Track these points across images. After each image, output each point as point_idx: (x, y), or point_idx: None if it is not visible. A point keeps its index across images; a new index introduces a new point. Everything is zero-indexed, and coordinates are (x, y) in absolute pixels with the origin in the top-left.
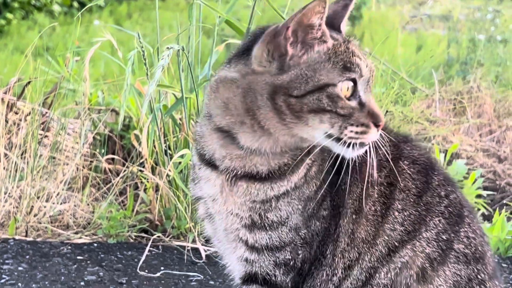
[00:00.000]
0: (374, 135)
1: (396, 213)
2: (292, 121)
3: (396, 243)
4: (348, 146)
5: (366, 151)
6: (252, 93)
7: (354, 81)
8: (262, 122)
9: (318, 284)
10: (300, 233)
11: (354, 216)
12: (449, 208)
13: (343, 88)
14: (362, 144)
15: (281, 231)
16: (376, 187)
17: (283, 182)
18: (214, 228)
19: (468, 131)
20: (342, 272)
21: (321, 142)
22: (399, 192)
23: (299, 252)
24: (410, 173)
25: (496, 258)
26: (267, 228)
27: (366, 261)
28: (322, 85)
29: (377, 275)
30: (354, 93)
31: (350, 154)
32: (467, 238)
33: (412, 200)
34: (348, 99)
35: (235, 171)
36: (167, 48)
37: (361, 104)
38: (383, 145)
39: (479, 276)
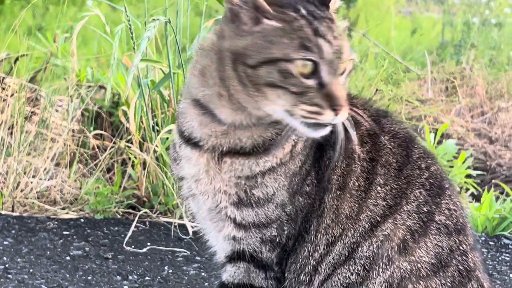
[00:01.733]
0: (329, 117)
1: (379, 188)
2: (254, 93)
3: (378, 218)
4: (308, 125)
5: (346, 128)
6: (223, 60)
7: (312, 61)
8: (234, 94)
9: (300, 260)
10: (285, 210)
11: (338, 192)
12: (430, 180)
13: (298, 65)
14: (319, 125)
15: (268, 208)
16: (359, 163)
17: (267, 157)
18: (198, 207)
19: (460, 112)
20: (324, 249)
21: (285, 119)
22: (381, 167)
23: (285, 228)
24: (390, 147)
25: (483, 236)
26: (253, 205)
27: (349, 236)
28: (273, 58)
29: (359, 249)
30: (315, 72)
31: (311, 133)
32: (448, 210)
33: (393, 174)
34: (307, 77)
35: (220, 148)
36: (153, 19)
37: (321, 85)
38: (364, 120)
39: (460, 247)
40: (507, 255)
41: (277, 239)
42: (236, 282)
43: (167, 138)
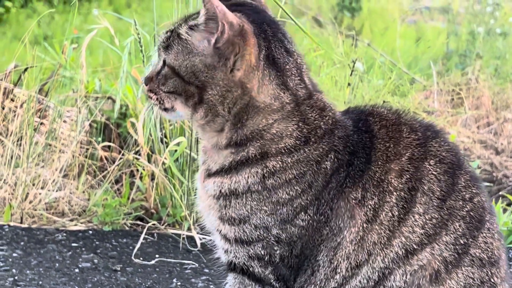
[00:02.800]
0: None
1: (417, 216)
2: None
3: (415, 246)
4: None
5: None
6: None
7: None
8: None
9: (317, 282)
10: (272, 232)
11: (365, 225)
12: (471, 213)
13: None
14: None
15: (245, 228)
16: (394, 193)
17: (226, 179)
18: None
19: (466, 122)
20: (347, 271)
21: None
22: (422, 195)
23: (275, 248)
24: (435, 174)
25: None
26: (229, 222)
27: (378, 261)
28: None
29: (392, 276)
30: None
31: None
32: (484, 243)
33: (435, 203)
34: None
35: (204, 168)
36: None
37: None
38: (410, 145)
39: (491, 280)
40: None
41: (266, 258)
42: None
43: (176, 151)
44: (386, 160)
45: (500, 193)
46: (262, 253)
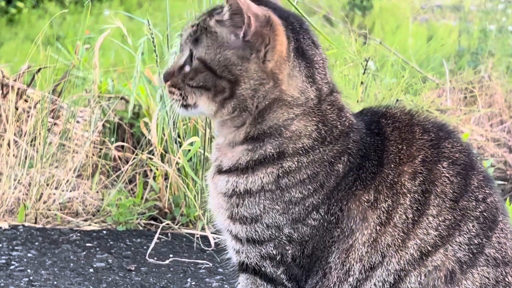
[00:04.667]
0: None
1: (431, 218)
2: None
3: (429, 248)
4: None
5: None
6: None
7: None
8: None
9: (330, 284)
10: (284, 231)
11: (378, 228)
12: (485, 213)
13: None
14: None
15: (256, 227)
16: (408, 195)
17: (242, 179)
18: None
19: (479, 121)
20: (360, 274)
21: None
22: (435, 197)
23: (287, 248)
24: (448, 175)
25: None
26: (241, 222)
27: (394, 263)
28: None
29: (407, 278)
30: None
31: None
32: (498, 243)
33: (448, 205)
34: None
35: (216, 165)
36: (179, 35)
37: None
38: (423, 147)
39: (506, 279)
40: None
41: (278, 257)
42: None
43: (189, 150)
44: (399, 162)
45: None
46: (274, 252)
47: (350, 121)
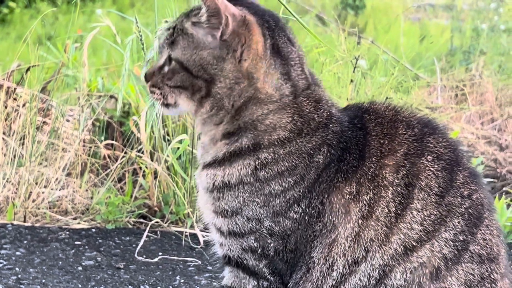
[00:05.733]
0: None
1: (415, 212)
2: None
3: (414, 243)
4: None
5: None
6: None
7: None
8: None
9: (314, 280)
10: (264, 224)
11: (360, 221)
12: (470, 210)
13: None
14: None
15: (237, 220)
16: (390, 188)
17: (220, 171)
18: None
19: (470, 119)
20: (344, 269)
21: None
22: (419, 190)
23: (269, 241)
24: (433, 170)
25: None
26: (222, 215)
27: (377, 258)
28: None
29: (392, 274)
30: None
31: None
32: (483, 239)
33: (433, 199)
34: None
35: (201, 161)
36: (161, 29)
37: None
38: (406, 141)
39: (491, 276)
40: None
41: (260, 251)
42: (230, 286)
43: (178, 148)
44: (381, 156)
45: (504, 189)
46: (255, 245)
47: (329, 112)
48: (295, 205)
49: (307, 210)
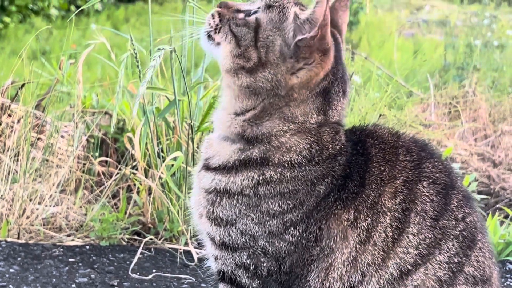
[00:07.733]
0: None
1: (411, 237)
2: None
3: (409, 266)
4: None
5: None
6: None
7: None
8: None
9: None
10: (258, 242)
11: (358, 246)
12: (464, 232)
13: None
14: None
15: (231, 231)
16: (388, 214)
17: (225, 178)
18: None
19: (463, 135)
20: None
21: None
22: (415, 215)
23: (262, 260)
24: (428, 195)
25: None
26: (216, 223)
27: (374, 282)
28: None
29: None
30: None
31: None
32: (477, 261)
33: (428, 223)
34: None
35: (203, 162)
36: (158, 49)
37: None
38: (405, 168)
39: None
40: None
41: (252, 268)
42: None
43: (172, 165)
44: (380, 183)
45: (497, 205)
46: (248, 262)
47: (341, 144)
48: (292, 228)
49: (304, 234)
